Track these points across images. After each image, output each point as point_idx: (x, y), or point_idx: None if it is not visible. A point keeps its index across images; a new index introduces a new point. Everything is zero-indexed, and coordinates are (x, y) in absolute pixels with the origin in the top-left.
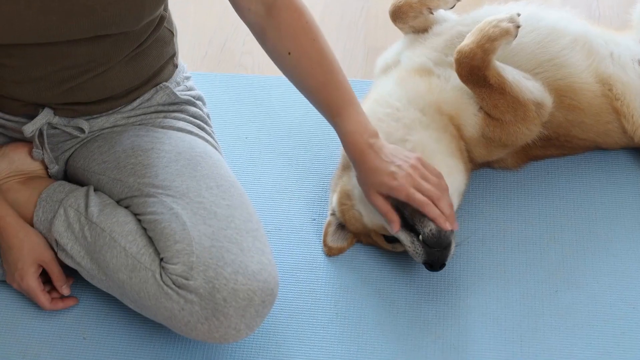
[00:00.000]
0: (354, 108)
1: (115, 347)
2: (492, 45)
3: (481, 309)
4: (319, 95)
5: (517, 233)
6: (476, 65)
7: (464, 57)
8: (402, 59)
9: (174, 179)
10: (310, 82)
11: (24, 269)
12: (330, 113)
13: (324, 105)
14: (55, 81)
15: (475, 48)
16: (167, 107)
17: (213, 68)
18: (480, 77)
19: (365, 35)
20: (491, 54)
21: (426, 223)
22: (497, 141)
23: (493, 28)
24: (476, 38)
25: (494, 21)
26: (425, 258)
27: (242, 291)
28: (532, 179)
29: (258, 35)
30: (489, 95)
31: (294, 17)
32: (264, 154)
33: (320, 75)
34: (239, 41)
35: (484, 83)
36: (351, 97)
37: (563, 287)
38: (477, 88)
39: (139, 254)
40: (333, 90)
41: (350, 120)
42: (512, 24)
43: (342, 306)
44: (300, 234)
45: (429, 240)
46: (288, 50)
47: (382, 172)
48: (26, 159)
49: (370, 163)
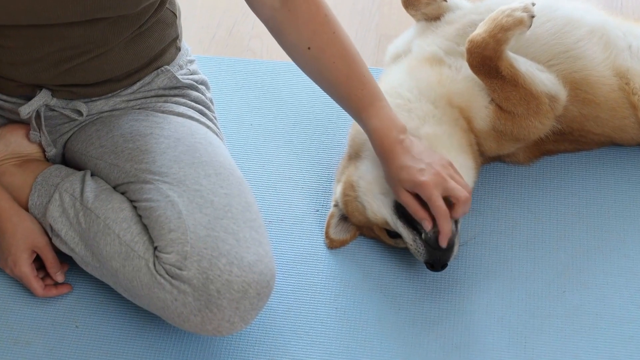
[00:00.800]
0: (381, 103)
1: (109, 336)
2: (505, 35)
3: (485, 308)
4: (343, 90)
5: (526, 230)
6: (488, 56)
7: (475, 46)
8: (413, 48)
9: (171, 165)
10: (333, 77)
11: (17, 255)
12: (356, 109)
13: (348, 101)
14: (52, 62)
15: (487, 38)
16: (168, 91)
17: (221, 51)
18: (492, 67)
19: (378, 22)
20: (504, 44)
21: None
22: (508, 135)
23: (506, 17)
24: (489, 27)
25: (508, 10)
26: (427, 257)
27: (237, 283)
28: (544, 174)
29: (274, 31)
30: (500, 87)
31: (312, 10)
32: (269, 142)
33: (343, 69)
34: (248, 24)
35: (496, 74)
36: (377, 91)
37: (571, 287)
38: (489, 79)
39: (132, 242)
40: (358, 84)
41: (377, 116)
42: (526, 13)
43: (342, 301)
44: (302, 225)
45: (431, 240)
46: (307, 45)
47: (410, 169)
48: (23, 141)
49: (400, 160)
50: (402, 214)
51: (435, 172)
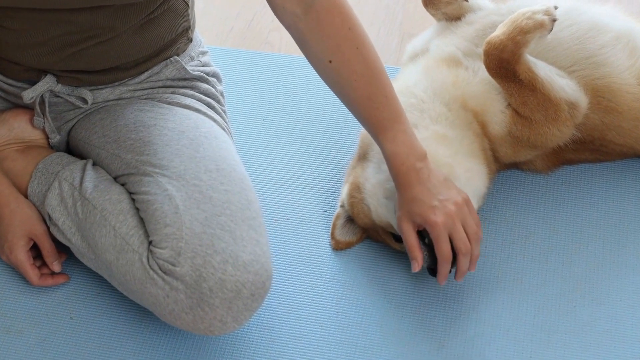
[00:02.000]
0: (401, 127)
1: (103, 330)
2: (524, 38)
3: (492, 319)
4: (362, 109)
5: (540, 241)
6: (505, 58)
7: (493, 48)
8: (430, 47)
9: (172, 158)
10: (353, 95)
11: (13, 242)
12: (375, 130)
13: (367, 121)
14: (57, 46)
15: (505, 40)
16: (177, 82)
17: (238, 44)
18: (510, 71)
19: (403, 20)
20: (522, 47)
21: None
22: (524, 141)
23: (527, 20)
24: (508, 29)
25: (529, 12)
26: (429, 263)
27: (230, 282)
28: (562, 184)
29: (296, 38)
30: (517, 91)
31: (336, 22)
32: (281, 139)
33: (364, 88)
34: (268, 17)
35: (513, 78)
36: (398, 114)
37: (582, 302)
38: (506, 83)
39: (127, 235)
40: (377, 105)
41: (395, 141)
42: (548, 17)
43: (345, 305)
44: (308, 226)
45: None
46: (329, 58)
47: (423, 204)
48: (27, 126)
49: (414, 190)
50: None
51: (447, 213)
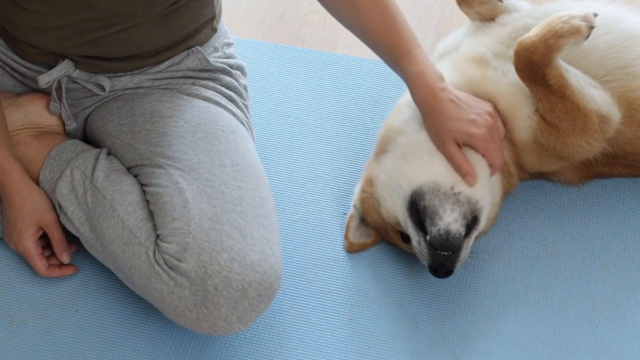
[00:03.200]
0: (418, 49)
1: (108, 324)
2: (557, 42)
3: (509, 335)
4: (381, 38)
5: (565, 256)
6: (536, 61)
7: (524, 49)
8: (460, 46)
9: (186, 151)
10: (371, 25)
11: (22, 230)
12: (395, 56)
13: (386, 49)
14: (77, 31)
15: (537, 42)
16: (198, 73)
17: (268, 37)
18: (539, 74)
19: (439, 19)
20: (555, 51)
21: (437, 222)
22: (550, 150)
23: (562, 24)
24: (542, 31)
25: (566, 16)
26: (430, 261)
27: (236, 281)
28: (592, 197)
29: None
30: (546, 97)
31: None
32: (305, 137)
33: (380, 16)
34: (300, 10)
35: (542, 82)
36: (414, 38)
37: (605, 322)
38: (534, 86)
39: (135, 227)
40: (396, 31)
41: (417, 62)
42: (585, 23)
43: (357, 312)
44: (327, 228)
45: (436, 241)
46: None
47: (461, 119)
48: (43, 111)
49: (446, 109)
50: (414, 212)
51: (487, 125)
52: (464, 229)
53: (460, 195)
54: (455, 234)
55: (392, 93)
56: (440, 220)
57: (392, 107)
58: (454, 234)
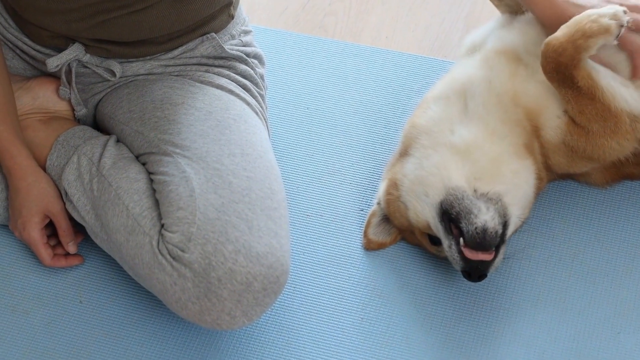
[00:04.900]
0: None
1: (112, 317)
2: (586, 42)
3: (527, 339)
4: None
5: (588, 260)
6: (564, 62)
7: (551, 50)
8: (489, 40)
9: (195, 139)
10: None
11: (27, 217)
12: None
13: None
14: (88, 13)
15: (565, 43)
16: (212, 60)
17: (290, 26)
18: (567, 76)
19: (469, 12)
20: (583, 52)
21: (473, 220)
22: (580, 152)
23: (591, 23)
24: (569, 31)
25: (594, 15)
26: (463, 265)
27: (240, 273)
28: (619, 199)
29: None
30: (574, 99)
31: None
32: (324, 129)
33: None
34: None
35: (571, 84)
36: None
37: (628, 329)
38: (562, 88)
39: (140, 216)
40: None
41: None
42: (615, 21)
43: (370, 311)
44: (342, 224)
45: (472, 240)
46: None
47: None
48: (52, 96)
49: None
50: (445, 219)
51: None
52: (500, 227)
53: (489, 193)
54: (492, 232)
55: (416, 87)
56: (476, 218)
57: (416, 102)
58: (491, 231)
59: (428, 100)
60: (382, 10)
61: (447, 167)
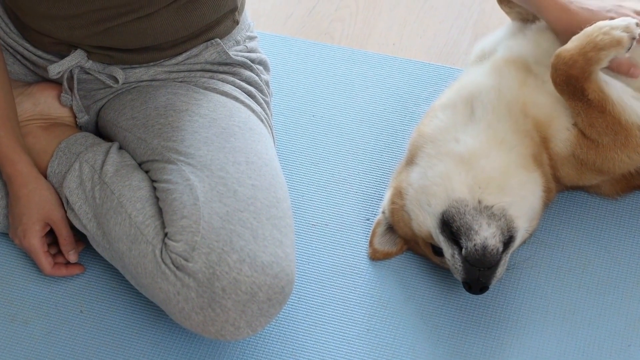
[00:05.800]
0: None
1: (113, 327)
2: (597, 54)
3: (535, 352)
4: None
5: (599, 271)
6: (574, 75)
7: (562, 62)
8: (499, 48)
9: (200, 147)
10: None
11: (27, 225)
12: None
13: None
14: (90, 20)
15: (576, 55)
16: (217, 67)
17: (296, 32)
18: (578, 89)
19: (477, 19)
20: (594, 64)
21: (473, 237)
22: (590, 165)
23: (602, 35)
24: (580, 43)
25: (606, 27)
26: (464, 276)
27: (245, 283)
28: (630, 210)
29: None
30: (585, 111)
31: None
32: (329, 137)
33: None
34: (331, 5)
35: (581, 96)
36: None
37: (638, 341)
38: (573, 100)
39: (143, 225)
40: None
41: None
42: (627, 34)
43: (376, 322)
44: (348, 234)
45: (471, 256)
46: None
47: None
48: (53, 102)
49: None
50: (446, 229)
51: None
52: (501, 245)
53: (493, 208)
54: (492, 250)
55: (424, 95)
56: (476, 235)
57: (424, 110)
58: (491, 249)
59: (436, 109)
60: (389, 17)
61: (451, 178)
